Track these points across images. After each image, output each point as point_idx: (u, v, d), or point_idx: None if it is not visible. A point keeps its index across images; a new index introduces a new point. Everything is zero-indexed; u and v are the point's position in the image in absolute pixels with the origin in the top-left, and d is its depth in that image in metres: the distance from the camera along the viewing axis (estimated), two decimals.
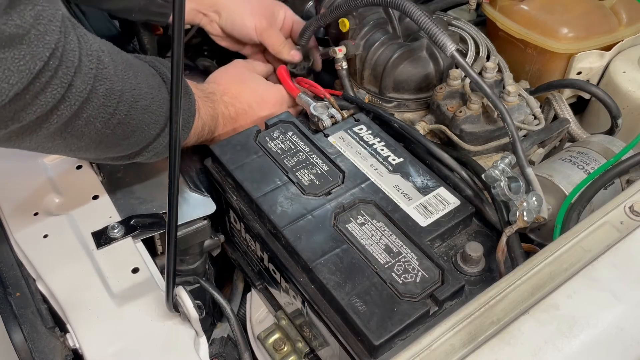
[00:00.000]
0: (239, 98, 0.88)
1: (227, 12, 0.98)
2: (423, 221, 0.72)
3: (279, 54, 0.99)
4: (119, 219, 0.77)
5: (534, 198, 0.69)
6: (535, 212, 0.69)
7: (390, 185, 0.76)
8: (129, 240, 0.74)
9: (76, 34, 0.57)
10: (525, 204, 0.69)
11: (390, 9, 0.94)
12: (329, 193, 0.75)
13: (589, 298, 0.56)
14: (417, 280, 0.65)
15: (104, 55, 0.62)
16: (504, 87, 0.90)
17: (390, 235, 0.69)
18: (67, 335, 0.66)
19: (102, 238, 0.74)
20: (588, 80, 0.99)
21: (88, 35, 0.60)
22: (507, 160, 0.72)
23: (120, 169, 0.83)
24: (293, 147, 0.81)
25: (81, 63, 0.57)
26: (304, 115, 0.90)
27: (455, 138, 0.86)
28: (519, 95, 0.90)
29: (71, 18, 0.59)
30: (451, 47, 0.79)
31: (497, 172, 0.71)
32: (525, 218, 0.68)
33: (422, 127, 0.90)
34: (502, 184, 0.71)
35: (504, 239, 0.68)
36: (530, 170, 0.75)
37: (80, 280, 0.70)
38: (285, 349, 0.79)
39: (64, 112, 0.58)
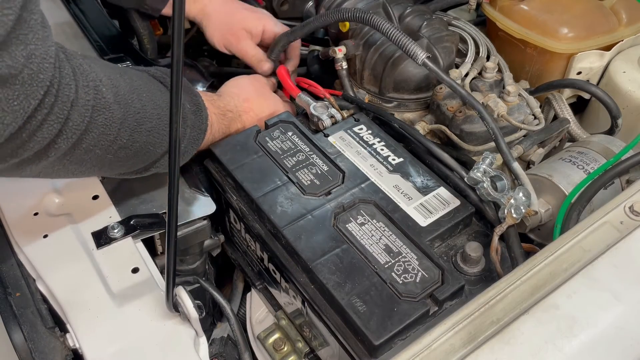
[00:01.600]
0: (260, 118, 0.88)
1: (203, 22, 1.01)
2: (423, 221, 0.72)
3: (253, 68, 1.00)
4: (119, 219, 0.77)
5: (521, 193, 0.69)
6: (525, 207, 0.69)
7: (390, 185, 0.76)
8: (129, 240, 0.74)
9: (71, 67, 0.57)
10: (512, 200, 0.69)
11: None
12: (329, 193, 0.75)
13: (589, 298, 0.56)
14: (417, 280, 0.65)
15: (102, 85, 0.61)
16: (504, 87, 0.90)
17: (390, 235, 0.69)
18: (67, 335, 0.66)
19: (102, 238, 0.74)
20: (588, 80, 0.99)
21: (84, 66, 0.59)
22: (487, 161, 0.72)
23: None
24: (293, 147, 0.81)
25: (78, 96, 0.57)
26: (304, 115, 0.90)
27: (455, 138, 0.86)
28: (519, 95, 0.90)
29: (66, 50, 0.58)
30: (422, 56, 0.79)
31: (478, 173, 0.71)
32: (514, 215, 0.68)
33: (422, 127, 0.90)
34: (485, 184, 0.71)
35: (495, 238, 0.69)
36: (516, 165, 0.75)
37: (80, 280, 0.70)
38: (285, 349, 0.79)
39: (62, 145, 0.57)
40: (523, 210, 0.69)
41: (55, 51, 0.53)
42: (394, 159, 0.80)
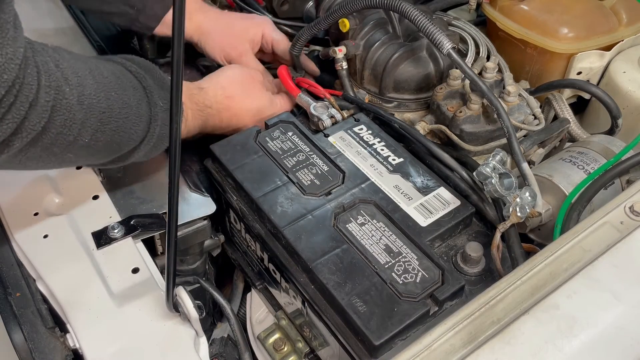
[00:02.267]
0: (238, 116, 0.87)
1: (201, 41, 1.00)
2: (423, 221, 0.72)
3: None
4: (119, 219, 0.77)
5: (527, 193, 0.69)
6: (530, 207, 0.69)
7: (391, 185, 0.76)
8: (129, 240, 0.74)
9: (36, 65, 0.56)
10: (518, 199, 0.69)
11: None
12: (329, 193, 0.75)
13: (589, 298, 0.56)
14: (417, 280, 0.65)
15: (66, 84, 0.60)
16: (504, 87, 0.89)
17: (391, 235, 0.69)
18: (67, 335, 0.66)
19: (102, 238, 0.74)
20: (588, 80, 0.99)
21: (50, 64, 0.58)
22: (498, 157, 0.72)
23: (120, 168, 0.83)
24: (293, 147, 0.81)
25: (38, 96, 0.56)
26: (304, 115, 0.90)
27: (455, 138, 0.86)
28: (519, 95, 0.90)
29: (34, 45, 0.57)
30: (447, 46, 0.79)
31: (488, 169, 0.71)
32: (519, 213, 0.68)
33: (422, 127, 0.90)
34: (493, 180, 0.71)
35: (497, 235, 0.68)
36: (525, 165, 0.75)
37: (80, 280, 0.70)
38: (285, 349, 0.79)
39: (16, 143, 0.57)
40: (527, 210, 0.69)
41: (23, 52, 0.53)
42: (394, 159, 0.80)
